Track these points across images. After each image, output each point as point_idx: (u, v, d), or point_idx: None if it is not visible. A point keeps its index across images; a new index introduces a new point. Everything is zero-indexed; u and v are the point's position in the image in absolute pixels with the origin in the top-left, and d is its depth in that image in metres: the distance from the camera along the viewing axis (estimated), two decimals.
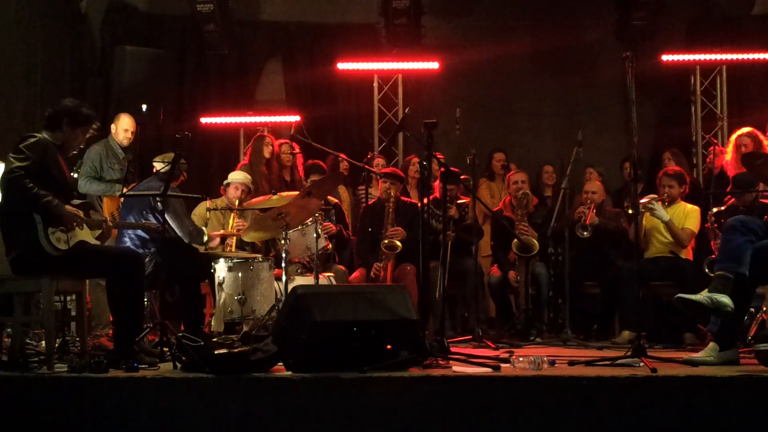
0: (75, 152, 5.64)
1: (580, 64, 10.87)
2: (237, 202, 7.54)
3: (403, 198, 8.02)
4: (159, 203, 6.41)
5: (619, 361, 5.12)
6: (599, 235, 7.57)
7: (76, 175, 7.26)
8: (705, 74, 10.42)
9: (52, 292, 5.25)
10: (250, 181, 7.86)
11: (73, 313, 6.00)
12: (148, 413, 4.55)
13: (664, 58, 10.19)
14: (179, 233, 6.64)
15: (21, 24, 9.06)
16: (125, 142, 8.14)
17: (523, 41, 10.72)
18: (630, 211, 7.35)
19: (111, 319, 5.78)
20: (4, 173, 5.20)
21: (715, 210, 7.19)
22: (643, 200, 7.12)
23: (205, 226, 7.55)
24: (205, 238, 7.01)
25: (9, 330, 5.87)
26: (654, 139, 10.57)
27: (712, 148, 8.80)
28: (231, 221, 7.57)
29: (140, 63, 9.51)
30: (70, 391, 4.65)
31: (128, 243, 6.62)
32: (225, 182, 7.84)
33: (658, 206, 7.22)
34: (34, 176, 5.11)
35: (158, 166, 6.93)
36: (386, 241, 7.56)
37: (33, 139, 5.24)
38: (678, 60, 10.28)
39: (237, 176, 7.81)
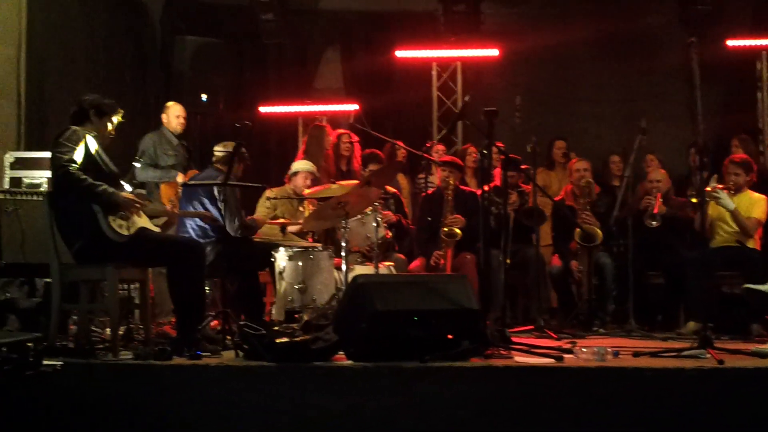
0: (107, 142, 5.60)
1: (642, 49, 10.68)
2: (306, 192, 7.57)
3: (461, 187, 7.98)
4: (217, 192, 6.46)
5: (685, 353, 5.04)
6: (666, 224, 7.43)
7: (139, 165, 7.34)
8: None
9: (116, 280, 5.31)
10: (316, 170, 7.87)
11: (137, 301, 6.07)
12: (210, 400, 4.59)
13: (729, 43, 10.00)
14: (227, 226, 6.62)
15: (83, 16, 9.18)
16: (179, 128, 8.19)
17: (584, 26, 10.55)
18: (694, 200, 7.22)
19: (173, 307, 5.83)
20: (55, 169, 5.23)
21: None
22: (708, 188, 6.98)
23: (275, 214, 7.61)
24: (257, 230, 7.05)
25: (75, 317, 5.99)
26: (718, 126, 10.34)
27: None
28: (306, 210, 7.61)
29: (200, 52, 9.56)
30: (134, 377, 4.73)
31: (190, 232, 6.68)
32: (291, 171, 7.84)
33: (723, 195, 7.08)
34: (82, 166, 5.17)
35: (219, 154, 6.98)
36: (446, 229, 7.52)
37: (69, 131, 5.28)
38: (743, 45, 10.07)
39: (304, 165, 7.81)
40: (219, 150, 7.01)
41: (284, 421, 4.52)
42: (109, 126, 5.56)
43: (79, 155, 5.16)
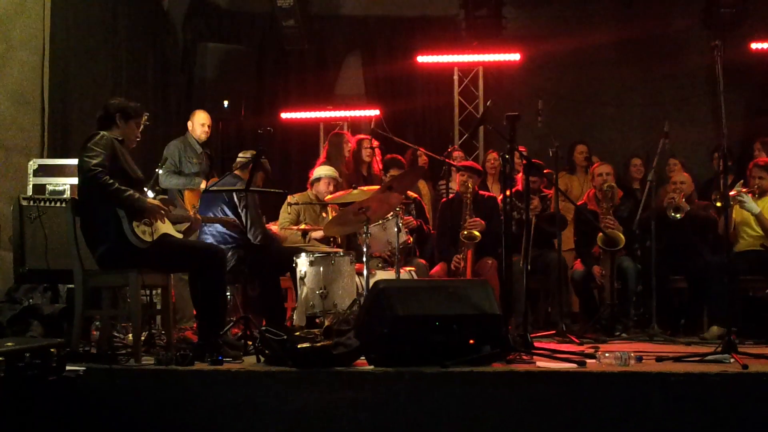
0: (133, 145, 5.65)
1: (665, 53, 10.63)
2: (327, 197, 7.58)
3: (481, 192, 7.96)
4: (237, 199, 6.47)
5: (709, 358, 5.00)
6: (689, 224, 7.40)
7: (160, 171, 7.37)
8: None
9: (138, 285, 5.33)
10: (339, 176, 7.88)
11: (159, 307, 6.10)
12: (232, 405, 4.60)
13: (753, 46, 9.93)
14: (248, 233, 6.62)
15: (105, 22, 9.23)
16: (203, 137, 8.26)
17: (606, 30, 10.52)
18: (718, 204, 7.16)
19: (194, 312, 5.85)
20: (82, 173, 5.27)
21: None
22: (732, 192, 6.93)
23: (296, 220, 7.63)
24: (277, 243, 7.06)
25: (97, 323, 6.02)
26: (742, 130, 10.27)
27: None
28: (329, 216, 7.61)
29: (221, 59, 9.62)
30: (156, 383, 4.75)
31: (210, 239, 6.70)
32: (314, 177, 7.83)
33: (747, 198, 7.03)
34: (109, 171, 5.19)
35: (241, 160, 7.01)
36: (465, 232, 7.51)
37: (98, 136, 5.31)
38: (767, 48, 9.97)
39: (327, 171, 7.80)
40: (242, 156, 7.05)
41: (306, 426, 4.52)
42: (135, 129, 5.59)
43: (106, 160, 5.20)
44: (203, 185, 7.89)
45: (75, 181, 7.03)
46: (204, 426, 4.60)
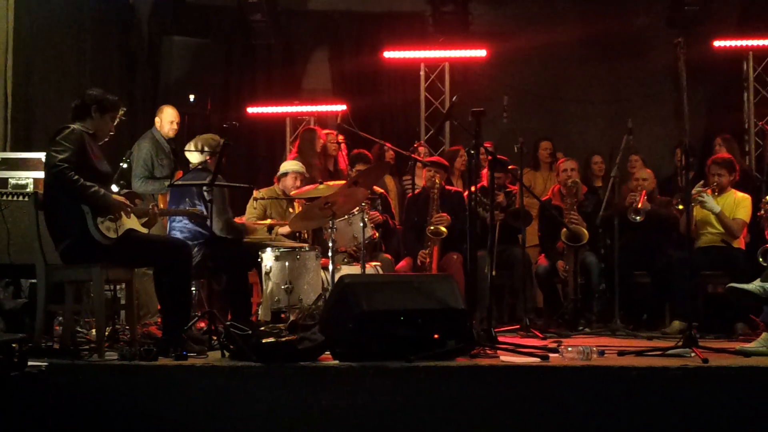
0: (107, 139, 5.60)
1: (629, 50, 10.70)
2: (293, 192, 7.56)
3: (447, 187, 7.98)
4: (205, 193, 6.44)
5: (670, 352, 5.07)
6: (651, 222, 7.46)
7: (125, 165, 7.32)
8: (758, 60, 10.22)
9: (102, 280, 5.30)
10: (305, 171, 7.86)
11: (123, 302, 6.06)
12: (196, 401, 4.59)
13: (716, 44, 10.01)
14: (213, 225, 6.52)
15: (70, 15, 9.14)
16: (171, 134, 8.18)
17: (571, 27, 10.58)
18: (680, 207, 7.21)
19: (159, 307, 5.82)
20: (48, 167, 5.23)
21: None
22: (693, 192, 6.99)
23: (263, 215, 7.61)
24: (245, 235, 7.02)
25: (60, 318, 5.98)
26: (705, 127, 10.38)
27: None
28: (296, 211, 7.60)
29: (187, 53, 9.57)
30: (120, 378, 4.72)
31: (178, 234, 6.66)
32: (281, 172, 7.81)
33: (708, 198, 7.09)
34: (75, 167, 5.15)
35: (191, 157, 6.94)
36: (431, 228, 7.53)
37: (67, 130, 5.27)
38: (730, 46, 10.08)
39: (294, 166, 7.77)
40: (190, 149, 6.99)
41: (271, 422, 4.53)
42: (110, 123, 5.55)
43: (74, 155, 5.15)
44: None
45: (38, 174, 6.98)
46: (168, 421, 4.58)
